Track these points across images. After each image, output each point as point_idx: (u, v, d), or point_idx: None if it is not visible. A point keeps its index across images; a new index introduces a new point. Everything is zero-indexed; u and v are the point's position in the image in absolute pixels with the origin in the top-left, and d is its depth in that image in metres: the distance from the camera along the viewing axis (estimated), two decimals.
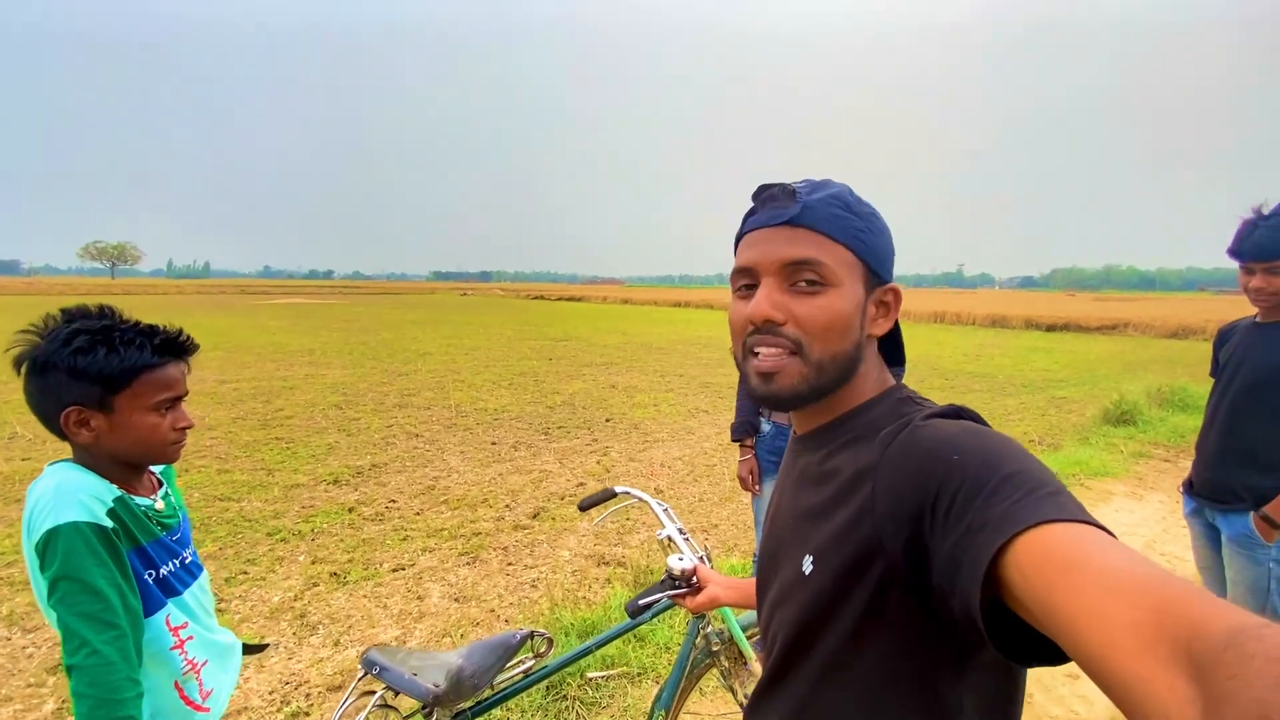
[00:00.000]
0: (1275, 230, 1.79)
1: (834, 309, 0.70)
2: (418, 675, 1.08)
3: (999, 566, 0.48)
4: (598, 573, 3.64)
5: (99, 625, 0.99)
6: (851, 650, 0.66)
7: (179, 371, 1.17)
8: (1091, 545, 0.45)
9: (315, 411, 7.69)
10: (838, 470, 0.70)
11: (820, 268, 0.70)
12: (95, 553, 1.01)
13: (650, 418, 7.67)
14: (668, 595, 1.21)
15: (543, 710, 2.41)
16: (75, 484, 1.06)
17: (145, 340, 1.11)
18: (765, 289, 0.72)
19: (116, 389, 1.08)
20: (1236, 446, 2.00)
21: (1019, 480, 0.52)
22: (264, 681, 2.62)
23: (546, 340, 17.34)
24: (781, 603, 0.75)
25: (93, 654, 0.97)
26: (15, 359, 1.08)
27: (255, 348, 14.25)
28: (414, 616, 3.15)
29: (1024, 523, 0.48)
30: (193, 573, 1.26)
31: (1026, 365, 13.67)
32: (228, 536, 4.01)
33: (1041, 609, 0.45)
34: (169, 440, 1.16)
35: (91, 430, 1.10)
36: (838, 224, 0.72)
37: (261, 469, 5.41)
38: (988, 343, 19.41)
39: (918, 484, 0.58)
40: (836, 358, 0.71)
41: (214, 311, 28.48)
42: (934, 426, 0.63)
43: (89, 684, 0.97)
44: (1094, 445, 6.46)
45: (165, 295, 51.28)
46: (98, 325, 1.09)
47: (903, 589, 0.60)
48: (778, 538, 0.80)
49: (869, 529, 0.62)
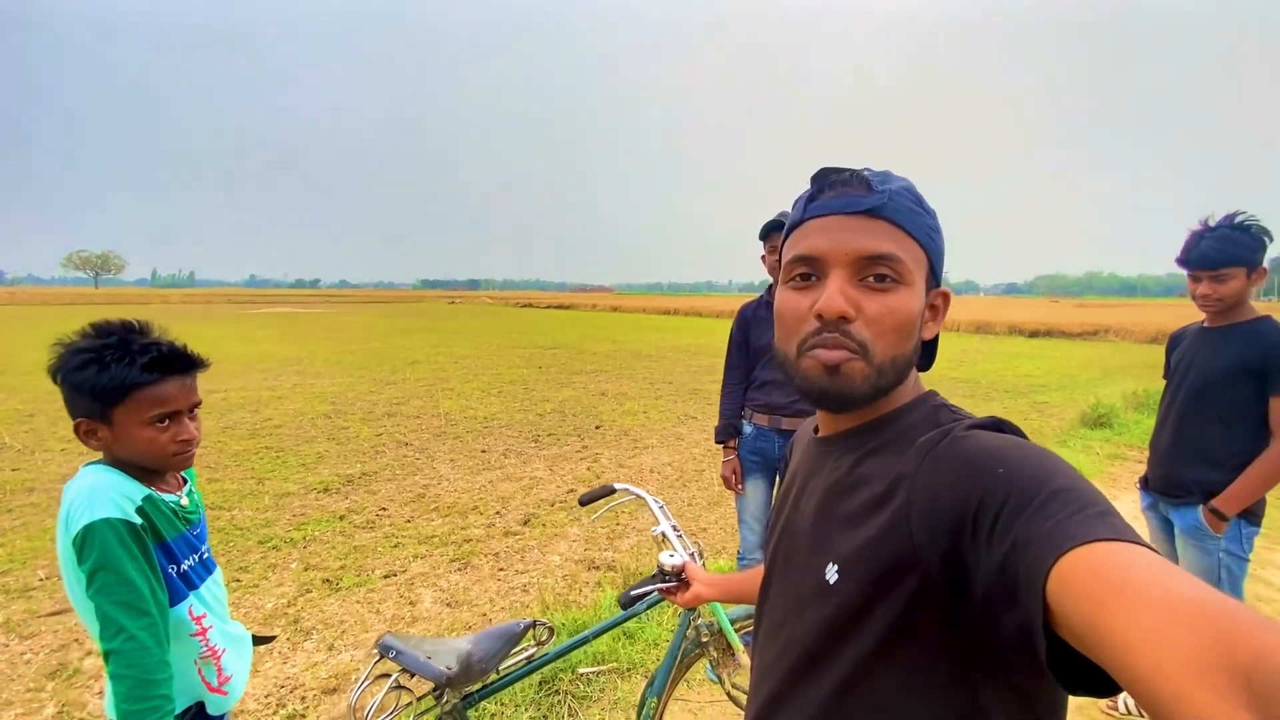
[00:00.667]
0: (1219, 241, 1.92)
1: (906, 308, 0.67)
2: (432, 659, 1.14)
3: (1046, 585, 0.46)
4: (588, 576, 3.70)
5: (134, 613, 1.07)
6: (877, 663, 0.63)
7: (177, 387, 1.19)
8: (1146, 566, 0.43)
9: (304, 421, 7.68)
10: (869, 477, 0.67)
11: (898, 264, 0.66)
12: (127, 546, 1.08)
13: (640, 424, 7.74)
14: (658, 589, 1.29)
15: (536, 704, 2.47)
16: (107, 483, 1.13)
17: (134, 358, 1.14)
18: (838, 281, 0.67)
19: (112, 404, 1.14)
20: (1187, 444, 2.13)
21: (1067, 497, 0.50)
22: (259, 685, 2.65)
23: (536, 348, 17.37)
24: (800, 610, 0.72)
25: (130, 639, 1.05)
26: (49, 371, 1.16)
27: (243, 357, 14.17)
28: (406, 621, 3.19)
29: (1076, 539, 0.46)
30: (209, 568, 1.33)
31: (1009, 371, 13.90)
32: (220, 545, 4.02)
33: (1090, 629, 0.43)
34: (170, 452, 1.20)
35: (99, 439, 1.17)
36: (915, 219, 0.68)
37: (251, 478, 5.41)
38: (971, 349, 19.68)
39: (958, 495, 0.56)
40: (897, 360, 0.68)
41: (200, 321, 28.20)
42: (976, 438, 0.60)
43: (127, 666, 1.04)
44: (1071, 448, 6.61)
45: (150, 305, 50.64)
46: (97, 343, 1.15)
47: (934, 602, 0.58)
48: (792, 541, 0.77)
49: (903, 540, 0.60)
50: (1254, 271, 1.93)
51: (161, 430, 1.18)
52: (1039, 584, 0.46)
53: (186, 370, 1.22)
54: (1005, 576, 0.50)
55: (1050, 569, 0.46)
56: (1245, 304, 2.02)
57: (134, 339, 1.18)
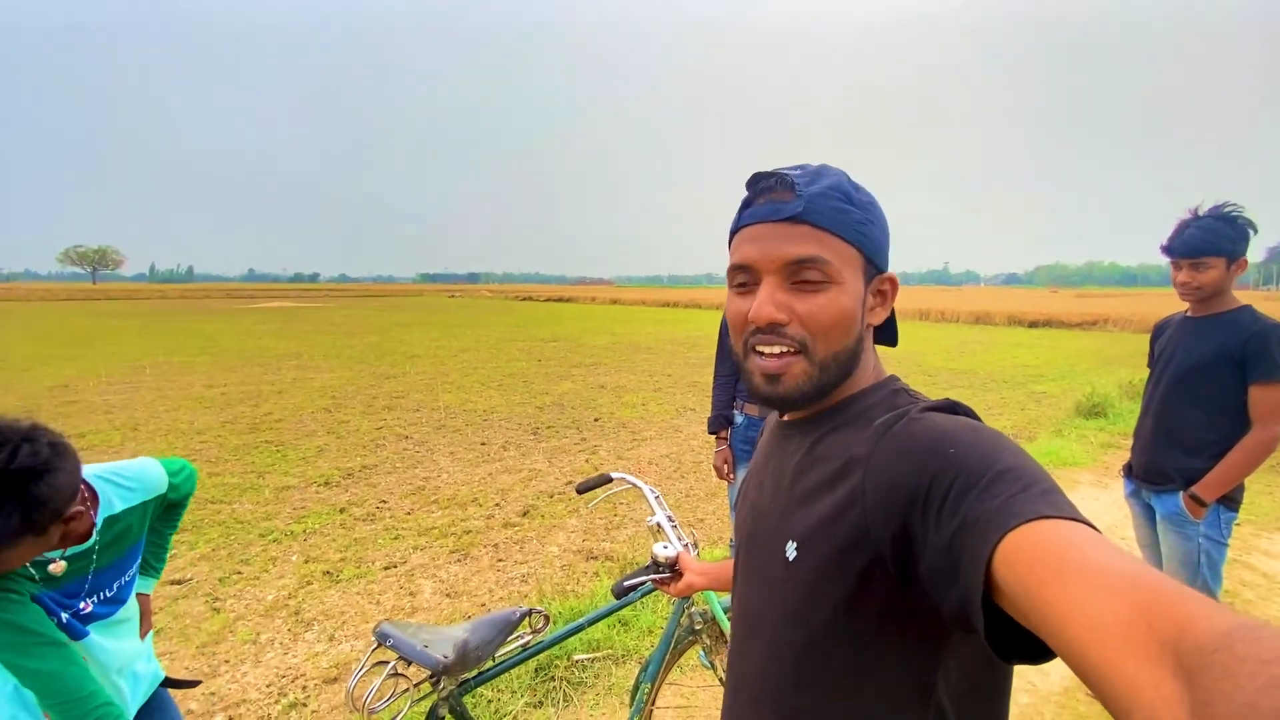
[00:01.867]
0: (1203, 230, 1.94)
1: (837, 306, 0.69)
2: (428, 647, 1.16)
3: (990, 561, 0.48)
4: (586, 566, 3.73)
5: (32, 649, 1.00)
6: (832, 635, 0.65)
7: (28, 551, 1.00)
8: (1083, 542, 0.45)
9: (304, 415, 7.71)
10: (827, 456, 0.70)
11: (824, 265, 0.68)
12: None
13: (638, 417, 7.76)
14: (651, 579, 1.31)
15: (532, 689, 2.52)
16: None
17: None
18: (767, 289, 0.70)
19: None
20: (1168, 431, 2.16)
21: (1013, 476, 0.52)
22: (261, 675, 2.68)
23: (535, 341, 17.39)
24: (763, 586, 0.74)
25: (38, 671, 1.00)
26: None
27: (242, 352, 14.19)
28: (406, 611, 3.22)
29: (1019, 518, 0.48)
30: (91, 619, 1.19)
31: (1008, 361, 13.93)
32: (220, 538, 4.05)
33: (1030, 603, 0.45)
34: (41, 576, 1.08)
35: None
36: (839, 218, 0.69)
37: (252, 472, 5.44)
38: (971, 339, 19.72)
39: (911, 475, 0.58)
40: (839, 355, 0.70)
41: (199, 316, 28.19)
42: (930, 420, 0.63)
43: (51, 694, 1.00)
44: (1066, 437, 6.66)
45: (148, 300, 50.58)
46: None
47: (886, 581, 0.61)
48: (757, 521, 0.80)
49: (858, 518, 0.62)
50: (1234, 262, 1.96)
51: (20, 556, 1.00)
52: (982, 561, 0.48)
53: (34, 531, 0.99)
54: (951, 553, 0.52)
55: (995, 546, 0.48)
56: (1227, 294, 2.05)
57: None
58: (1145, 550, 2.36)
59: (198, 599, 3.30)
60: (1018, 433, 7.07)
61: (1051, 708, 2.42)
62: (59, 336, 17.44)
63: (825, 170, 0.73)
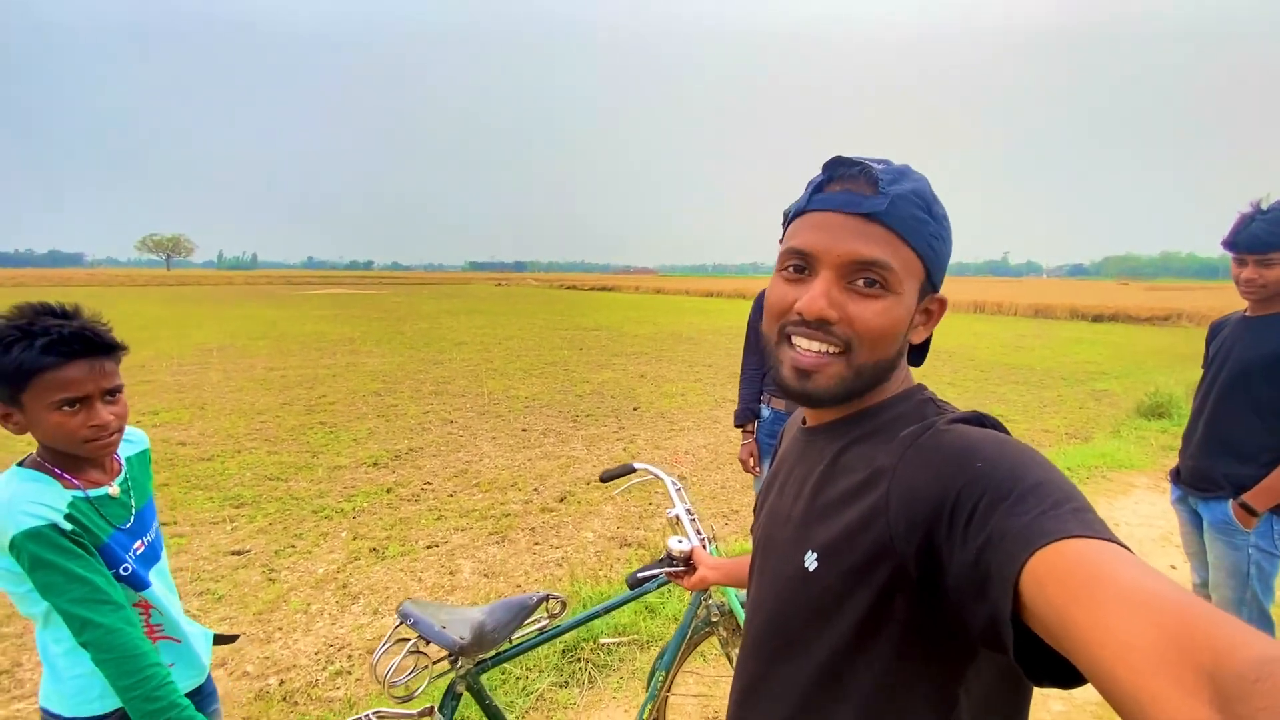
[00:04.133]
0: (1271, 224, 1.82)
1: (892, 316, 0.67)
2: (446, 627, 1.23)
3: (1018, 580, 0.47)
4: (619, 553, 3.80)
5: (93, 604, 1.08)
6: (852, 649, 0.64)
7: (85, 371, 1.12)
8: (1116, 563, 0.44)
9: (356, 398, 8.04)
10: (852, 467, 0.68)
11: (888, 272, 0.66)
12: (61, 548, 1.08)
13: (677, 407, 7.78)
14: (664, 572, 1.34)
15: (558, 670, 2.61)
16: (25, 495, 1.10)
17: (34, 341, 1.08)
18: (823, 282, 0.67)
19: (18, 388, 1.09)
20: (1219, 436, 2.05)
21: (1043, 492, 0.51)
22: (311, 643, 2.86)
23: (578, 330, 17.57)
24: (780, 593, 0.73)
25: (96, 627, 1.07)
26: None
27: (300, 336, 14.85)
28: (446, 589, 3.36)
29: (1049, 536, 0.47)
30: (154, 556, 1.30)
31: (1068, 357, 13.30)
32: (277, 513, 4.30)
33: (1059, 624, 0.43)
34: (81, 438, 1.14)
35: (16, 424, 1.13)
36: (916, 227, 0.66)
37: (307, 451, 5.72)
38: (1029, 333, 18.89)
39: (937, 488, 0.57)
40: (879, 364, 0.69)
41: (262, 302, 29.58)
42: (958, 432, 0.61)
43: (103, 651, 1.07)
44: (1124, 438, 6.35)
45: (216, 286, 53.34)
46: (3, 325, 1.10)
47: (909, 593, 0.59)
48: (775, 527, 0.78)
49: (881, 530, 0.60)
50: None
51: (70, 416, 1.12)
52: (1012, 578, 0.47)
53: (95, 354, 1.14)
54: (979, 570, 0.51)
55: (1024, 564, 0.47)
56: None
57: (43, 321, 1.10)
58: (1192, 559, 2.26)
59: (255, 569, 3.53)
60: (1072, 432, 6.78)
61: (1086, 717, 2.35)
62: (137, 320, 18.62)
63: (909, 172, 0.69)
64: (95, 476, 1.22)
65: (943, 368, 11.28)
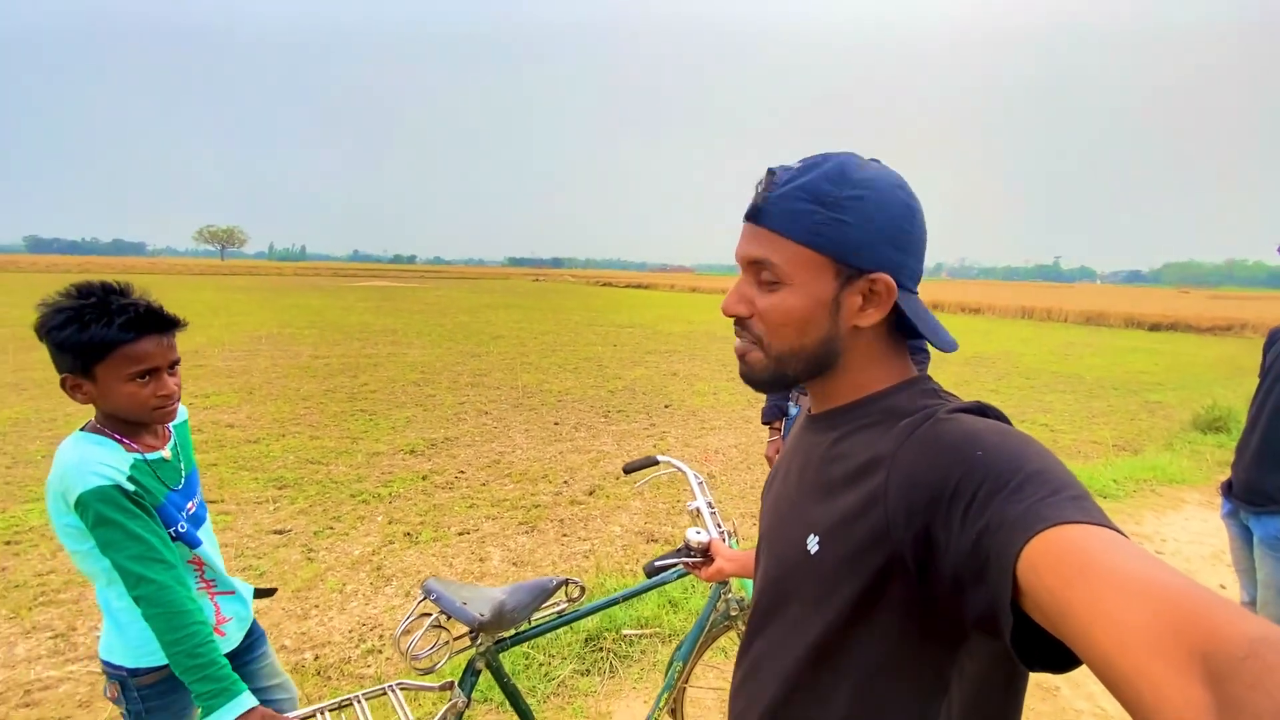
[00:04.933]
0: None
1: (784, 307, 0.71)
2: (467, 604, 1.27)
3: (1016, 565, 0.47)
4: (645, 548, 3.82)
5: (147, 562, 1.16)
6: (848, 632, 0.66)
7: (155, 345, 1.22)
8: (1112, 548, 0.44)
9: (396, 387, 8.26)
10: (850, 454, 0.70)
11: (771, 267, 0.70)
12: (124, 507, 1.17)
13: (709, 405, 7.76)
14: (683, 563, 1.35)
15: (580, 658, 2.65)
16: (91, 456, 1.19)
17: (116, 316, 1.18)
18: (736, 284, 0.76)
19: (93, 361, 1.18)
20: (1273, 449, 1.95)
21: (1041, 480, 0.51)
22: (344, 622, 2.96)
23: (612, 326, 17.66)
24: (782, 578, 0.76)
25: (150, 583, 1.15)
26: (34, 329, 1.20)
27: (344, 327, 15.32)
28: (475, 575, 3.43)
29: (1046, 522, 0.47)
30: (200, 519, 1.40)
31: (1121, 366, 12.77)
32: (317, 495, 4.46)
33: (1056, 608, 0.44)
34: (151, 406, 1.24)
35: (84, 394, 1.21)
36: (794, 220, 0.69)
37: (347, 437, 5.91)
38: (1079, 341, 18.18)
39: (936, 476, 0.58)
40: (796, 352, 0.72)
41: (309, 292, 30.58)
42: (957, 421, 0.62)
43: (154, 605, 1.15)
44: (1177, 451, 6.08)
45: (266, 276, 55.37)
46: (77, 303, 1.18)
47: (905, 579, 0.60)
48: (780, 512, 0.81)
49: (879, 516, 0.62)
50: None
51: (142, 386, 1.22)
52: (1010, 564, 0.48)
53: (163, 329, 1.25)
54: (977, 556, 0.51)
55: (1021, 550, 0.47)
56: None
57: (113, 299, 1.21)
58: (1241, 576, 2.15)
59: (295, 548, 3.67)
60: (1122, 444, 6.52)
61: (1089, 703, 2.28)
62: (192, 307, 19.49)
63: (816, 163, 0.70)
64: (150, 442, 1.32)
65: (986, 374, 10.96)
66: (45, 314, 1.18)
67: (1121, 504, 4.73)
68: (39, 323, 1.18)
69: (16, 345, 10.32)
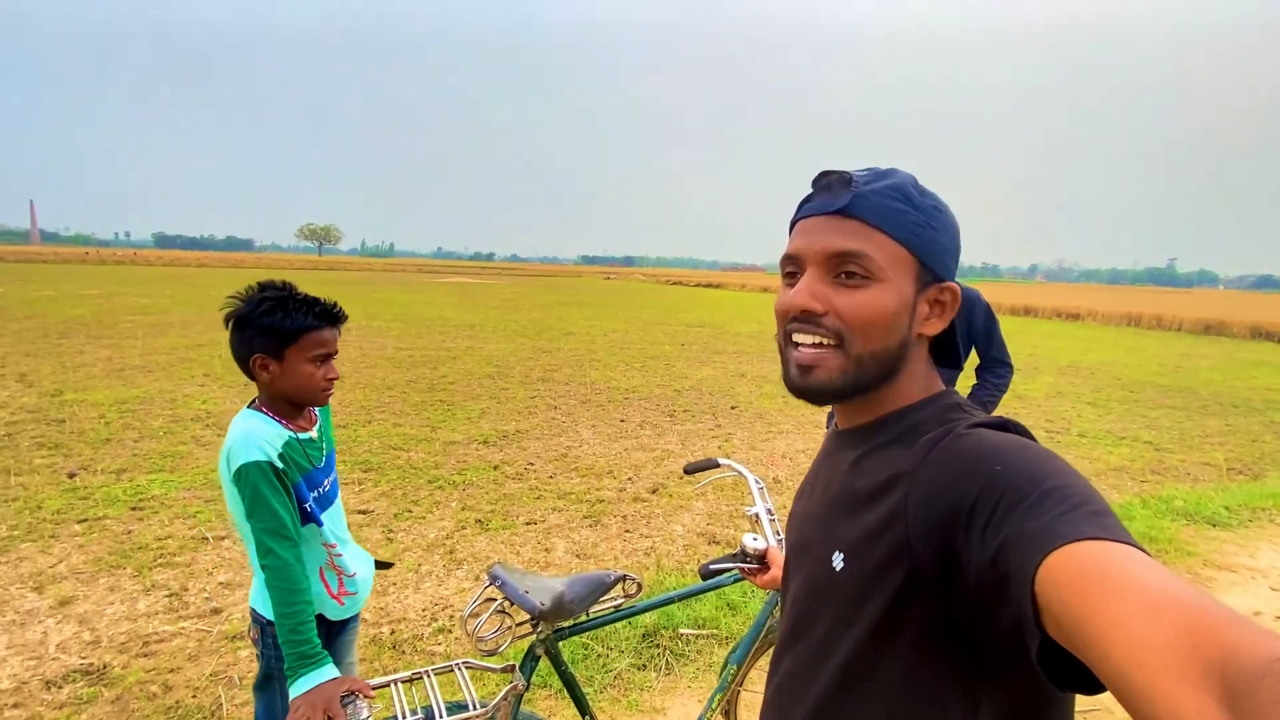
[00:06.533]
0: None
1: (876, 304, 0.68)
2: (529, 592, 1.34)
3: (1034, 580, 0.47)
4: (706, 549, 3.82)
5: (278, 538, 1.32)
6: (874, 649, 0.65)
7: (330, 335, 1.44)
8: (1129, 563, 0.44)
9: (472, 380, 8.61)
10: (874, 470, 0.69)
11: (866, 260, 0.67)
12: (272, 484, 1.33)
13: (777, 408, 7.64)
14: (739, 567, 1.36)
15: (637, 652, 2.70)
16: (256, 431, 1.36)
17: (309, 307, 1.40)
18: (807, 279, 0.70)
19: (287, 343, 1.38)
20: None
21: (1061, 495, 0.51)
22: (418, 601, 3.14)
23: (681, 326, 17.65)
24: (811, 592, 0.75)
25: (277, 558, 1.31)
26: (225, 317, 1.41)
27: (427, 320, 16.10)
28: (540, 565, 3.55)
29: (1064, 538, 0.47)
30: (332, 497, 1.56)
31: (1242, 381, 11.55)
32: (397, 480, 4.73)
33: (1072, 623, 0.44)
34: (320, 387, 1.44)
35: (270, 373, 1.39)
36: (891, 216, 0.68)
37: (426, 426, 6.23)
38: (1195, 352, 16.57)
39: (956, 491, 0.57)
40: (877, 354, 0.69)
41: (397, 287, 32.31)
42: (978, 436, 0.61)
43: (277, 578, 1.30)
44: None
45: (358, 272, 58.88)
46: (279, 295, 1.39)
47: (927, 596, 0.60)
48: (806, 530, 0.80)
49: (900, 533, 0.61)
50: None
51: (317, 368, 1.42)
52: (1029, 579, 0.47)
53: (335, 323, 1.46)
54: (997, 572, 0.51)
55: (1039, 565, 0.47)
56: None
57: (300, 294, 1.43)
58: None
59: (376, 528, 3.92)
60: (1239, 467, 5.91)
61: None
62: None
63: (891, 172, 0.72)
64: (302, 423, 1.49)
65: (1083, 385, 10.19)
66: (249, 303, 1.38)
67: (1234, 533, 4.30)
68: (240, 311, 1.38)
69: (146, 330, 11.51)
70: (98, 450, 5.06)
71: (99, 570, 3.26)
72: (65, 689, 2.40)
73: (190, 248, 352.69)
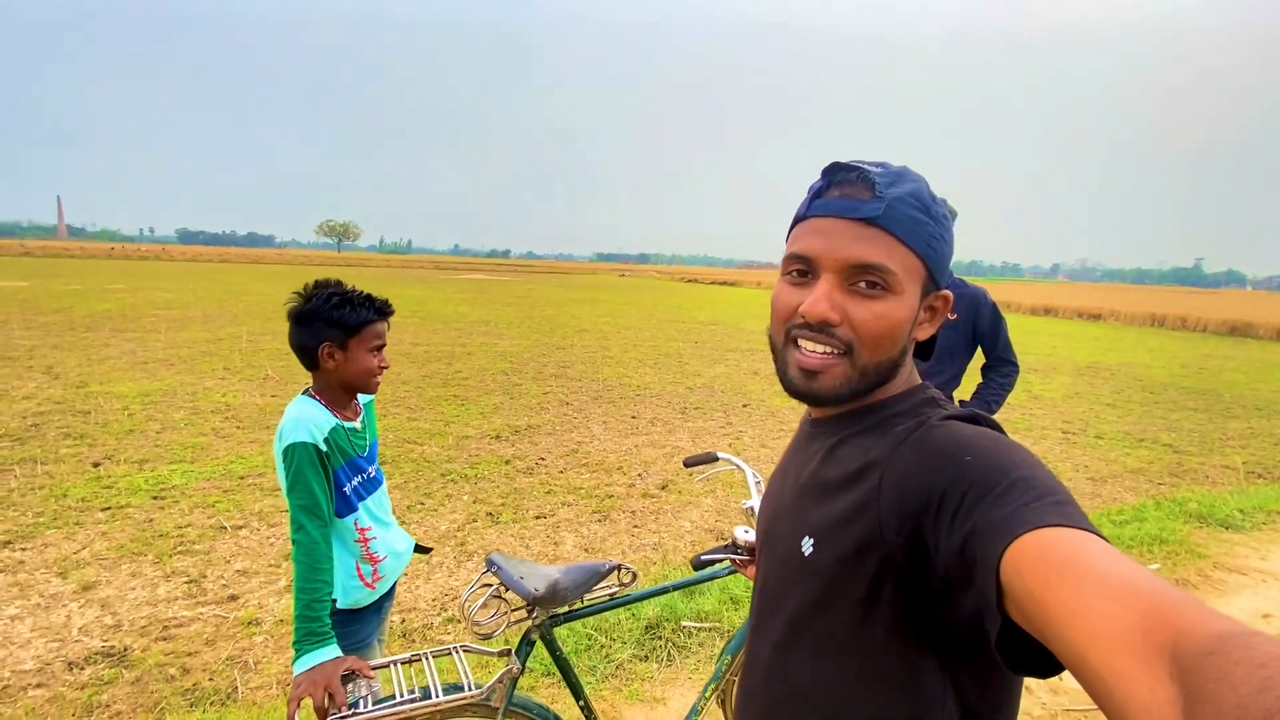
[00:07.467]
0: None
1: (893, 318, 0.68)
2: (524, 579, 1.37)
3: (999, 567, 0.49)
4: (714, 545, 3.84)
5: (311, 516, 1.40)
6: (848, 631, 0.67)
7: (384, 327, 1.58)
8: (1091, 551, 0.46)
9: (486, 375, 8.70)
10: (847, 458, 0.70)
11: (888, 274, 0.67)
12: (314, 465, 1.42)
13: (789, 406, 7.62)
14: (730, 559, 1.38)
15: (639, 643, 2.73)
16: (308, 415, 1.46)
17: (369, 303, 1.54)
18: (825, 286, 0.68)
19: (352, 334, 1.50)
20: None
21: (1027, 485, 0.53)
22: (429, 591, 3.20)
23: (694, 323, 17.64)
24: (782, 579, 0.76)
25: (307, 534, 1.39)
26: (290, 311, 1.52)
27: (443, 316, 16.25)
28: (549, 558, 3.59)
29: (1027, 525, 0.49)
30: (376, 483, 1.65)
31: (1268, 384, 11.30)
32: (411, 473, 4.81)
33: (1034, 607, 0.45)
34: (374, 374, 1.56)
35: (334, 361, 1.50)
36: (914, 229, 0.68)
37: (440, 420, 6.31)
38: (1219, 353, 16.23)
39: (926, 481, 0.59)
40: (882, 365, 0.70)
41: (413, 284, 32.59)
42: (949, 428, 0.63)
43: (303, 554, 1.38)
44: None
45: (377, 269, 59.51)
46: (343, 291, 1.53)
47: (897, 582, 0.62)
48: (777, 515, 0.81)
49: (871, 520, 0.63)
50: None
51: (374, 357, 1.54)
52: (993, 565, 0.49)
53: (387, 316, 1.59)
54: (964, 559, 0.53)
55: (1004, 552, 0.49)
56: None
57: (355, 291, 1.56)
58: None
59: None
60: (1260, 471, 5.80)
61: None
62: None
63: (906, 174, 0.71)
64: (348, 414, 1.58)
65: (1103, 386, 10.04)
66: (315, 299, 1.50)
67: (1247, 535, 4.23)
68: (308, 306, 1.49)
69: (169, 325, 11.75)
70: (121, 441, 5.20)
71: (121, 556, 3.36)
72: (87, 670, 2.49)
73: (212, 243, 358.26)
